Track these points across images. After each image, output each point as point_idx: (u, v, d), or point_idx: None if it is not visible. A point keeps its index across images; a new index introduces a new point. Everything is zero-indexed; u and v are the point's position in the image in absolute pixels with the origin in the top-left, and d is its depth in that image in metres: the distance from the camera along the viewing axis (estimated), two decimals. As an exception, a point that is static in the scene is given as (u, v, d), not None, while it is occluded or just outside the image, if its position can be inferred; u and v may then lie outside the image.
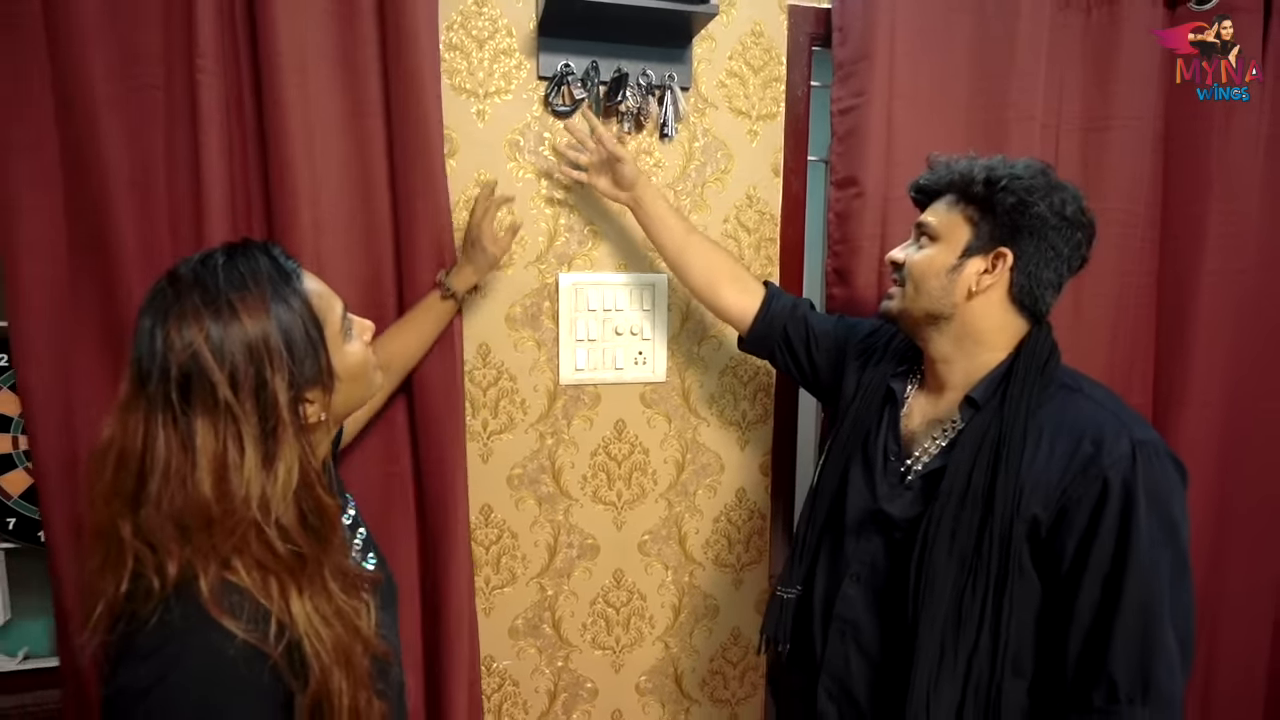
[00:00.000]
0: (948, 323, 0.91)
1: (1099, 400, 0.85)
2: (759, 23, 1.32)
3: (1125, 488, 0.78)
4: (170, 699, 0.56)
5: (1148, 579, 0.76)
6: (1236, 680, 1.58)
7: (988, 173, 0.87)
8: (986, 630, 0.83)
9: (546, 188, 1.27)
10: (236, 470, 0.59)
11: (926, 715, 0.83)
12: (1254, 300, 1.48)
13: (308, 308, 0.66)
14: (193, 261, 0.64)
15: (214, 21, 1.03)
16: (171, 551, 0.58)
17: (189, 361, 0.59)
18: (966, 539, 0.84)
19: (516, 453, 1.32)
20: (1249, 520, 1.54)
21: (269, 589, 0.60)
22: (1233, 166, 1.40)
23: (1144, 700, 0.76)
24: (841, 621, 0.97)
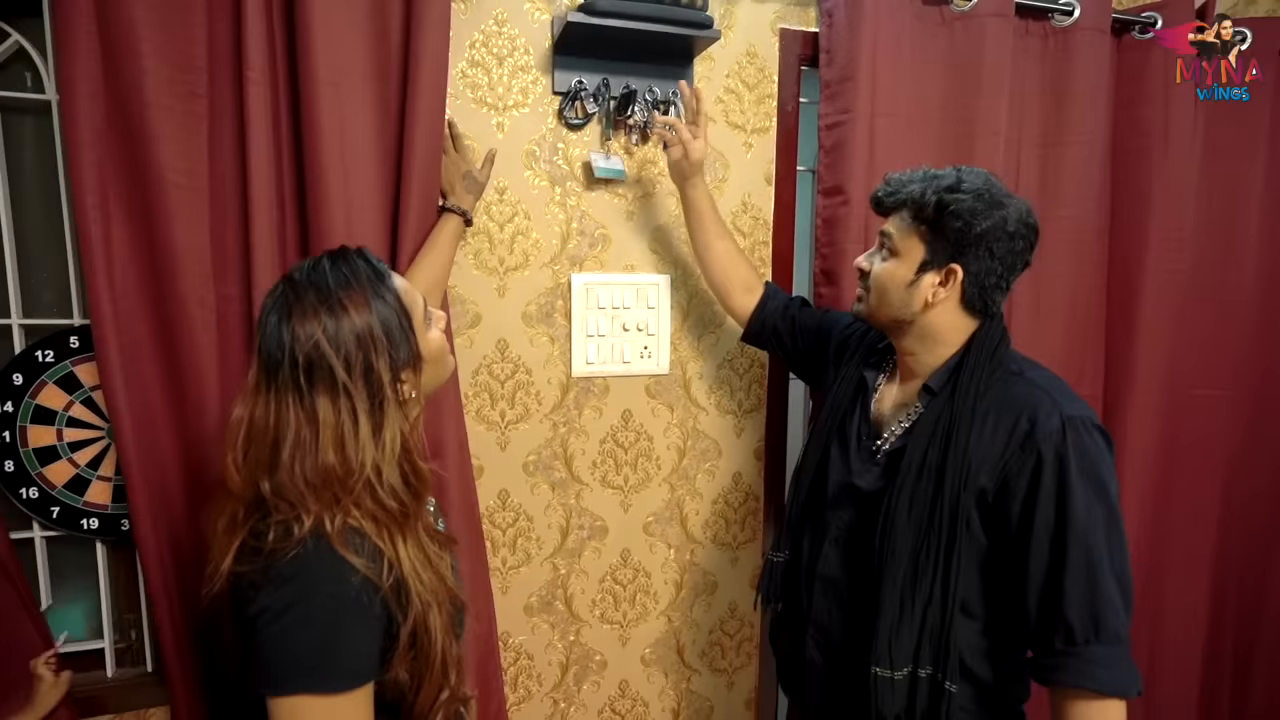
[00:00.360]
0: (910, 325, 1.03)
1: (1038, 382, 0.97)
2: (753, 44, 1.44)
3: (1058, 458, 0.90)
4: (305, 616, 0.67)
5: (1086, 535, 0.89)
6: (1178, 635, 1.75)
7: (938, 197, 0.95)
8: (939, 584, 0.95)
9: (560, 195, 1.37)
10: (352, 440, 0.71)
11: (889, 657, 0.96)
12: (1190, 298, 1.65)
13: (399, 301, 0.77)
14: (305, 267, 0.76)
15: (261, 37, 1.11)
16: (306, 505, 0.69)
17: (311, 351, 0.71)
18: (922, 508, 0.97)
19: (532, 441, 1.42)
20: (1188, 493, 1.72)
21: (381, 535, 0.71)
22: (1171, 179, 1.57)
23: (1097, 639, 0.89)
24: (823, 580, 1.09)
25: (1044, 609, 0.92)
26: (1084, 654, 0.89)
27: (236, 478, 0.72)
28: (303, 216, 1.19)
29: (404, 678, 0.73)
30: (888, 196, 1.02)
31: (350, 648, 0.69)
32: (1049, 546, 0.91)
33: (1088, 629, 0.89)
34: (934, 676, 0.95)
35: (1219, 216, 1.67)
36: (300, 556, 0.68)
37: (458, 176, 1.23)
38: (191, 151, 1.12)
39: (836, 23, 1.41)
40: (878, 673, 0.96)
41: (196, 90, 1.11)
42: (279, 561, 0.68)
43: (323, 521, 0.69)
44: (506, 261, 1.36)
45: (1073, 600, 0.89)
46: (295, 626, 0.67)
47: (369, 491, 0.72)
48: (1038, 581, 0.92)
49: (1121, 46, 1.57)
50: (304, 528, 0.69)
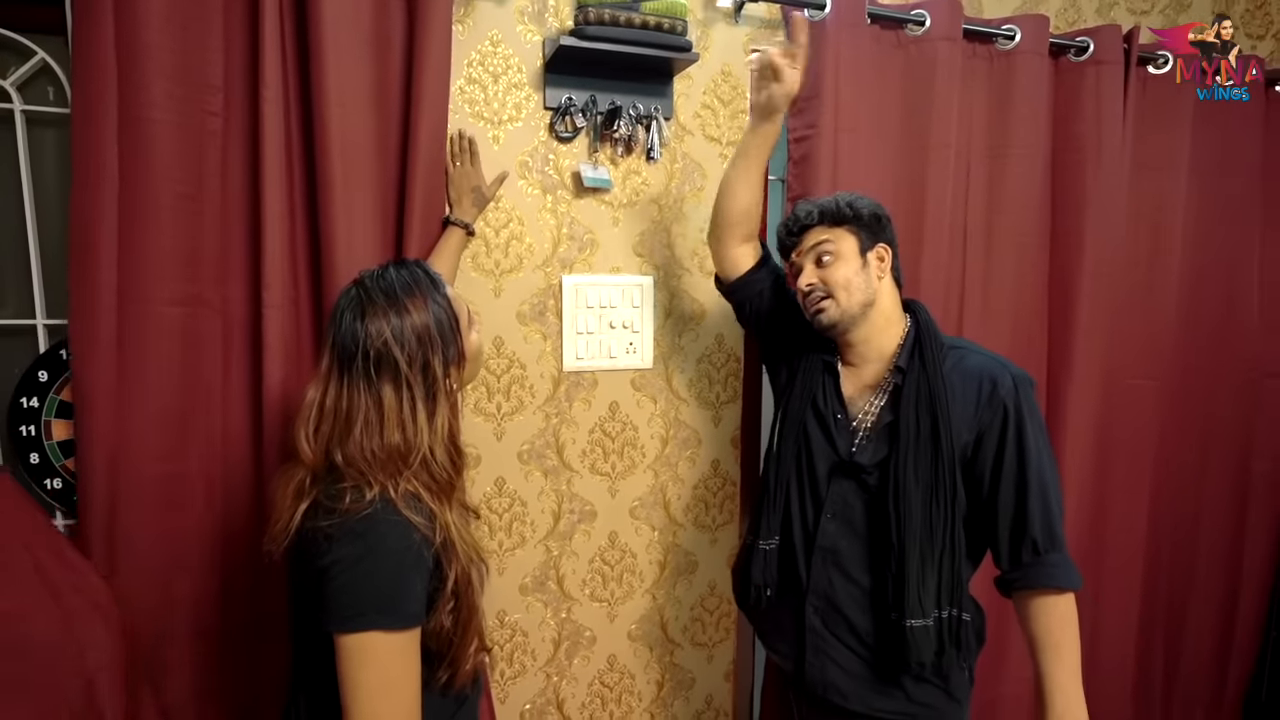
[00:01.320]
0: (873, 307, 1.18)
1: (981, 352, 1.18)
2: (728, 64, 1.57)
3: (1017, 409, 1.10)
4: (375, 566, 0.79)
5: (1038, 468, 1.10)
6: (1117, 593, 1.92)
7: (845, 202, 1.18)
8: (948, 534, 1.11)
9: (551, 203, 1.48)
10: (411, 423, 0.84)
11: (920, 608, 1.10)
12: (1122, 297, 1.82)
13: (450, 305, 0.90)
14: (374, 273, 0.88)
15: (276, 60, 1.20)
16: (374, 473, 0.81)
17: (381, 347, 0.83)
18: (926, 472, 1.11)
19: (526, 431, 1.52)
20: (1123, 471, 1.88)
21: (434, 501, 0.84)
22: (1103, 189, 1.73)
23: (1053, 547, 1.09)
24: (824, 551, 1.20)
25: (1014, 532, 1.11)
26: (1046, 560, 1.10)
27: (308, 450, 0.84)
28: (310, 226, 1.28)
29: (447, 624, 0.85)
30: (804, 217, 1.20)
31: (410, 593, 0.80)
32: (1015, 479, 1.11)
33: (1047, 540, 1.10)
34: (952, 613, 1.11)
35: (1146, 222, 1.84)
36: (371, 516, 0.80)
37: (467, 189, 1.33)
38: (203, 165, 1.20)
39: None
40: (913, 625, 1.10)
41: (212, 109, 1.20)
42: (352, 519, 0.79)
43: (388, 488, 0.82)
44: (502, 264, 1.46)
45: (1035, 520, 1.09)
46: (366, 574, 0.78)
47: (424, 466, 0.84)
48: (1008, 510, 1.11)
49: (1058, 68, 1.73)
50: (373, 492, 0.81)
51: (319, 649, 0.83)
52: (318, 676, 0.88)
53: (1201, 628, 2.09)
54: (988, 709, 1.81)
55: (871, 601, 1.16)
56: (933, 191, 1.60)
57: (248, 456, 1.26)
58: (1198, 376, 1.97)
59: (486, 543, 1.50)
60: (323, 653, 0.81)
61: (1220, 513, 2.05)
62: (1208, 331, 1.96)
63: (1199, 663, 2.11)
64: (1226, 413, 2.01)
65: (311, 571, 0.81)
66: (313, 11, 1.20)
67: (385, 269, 0.90)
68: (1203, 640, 2.10)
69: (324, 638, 0.80)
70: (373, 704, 0.78)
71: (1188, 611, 2.08)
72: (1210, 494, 2.04)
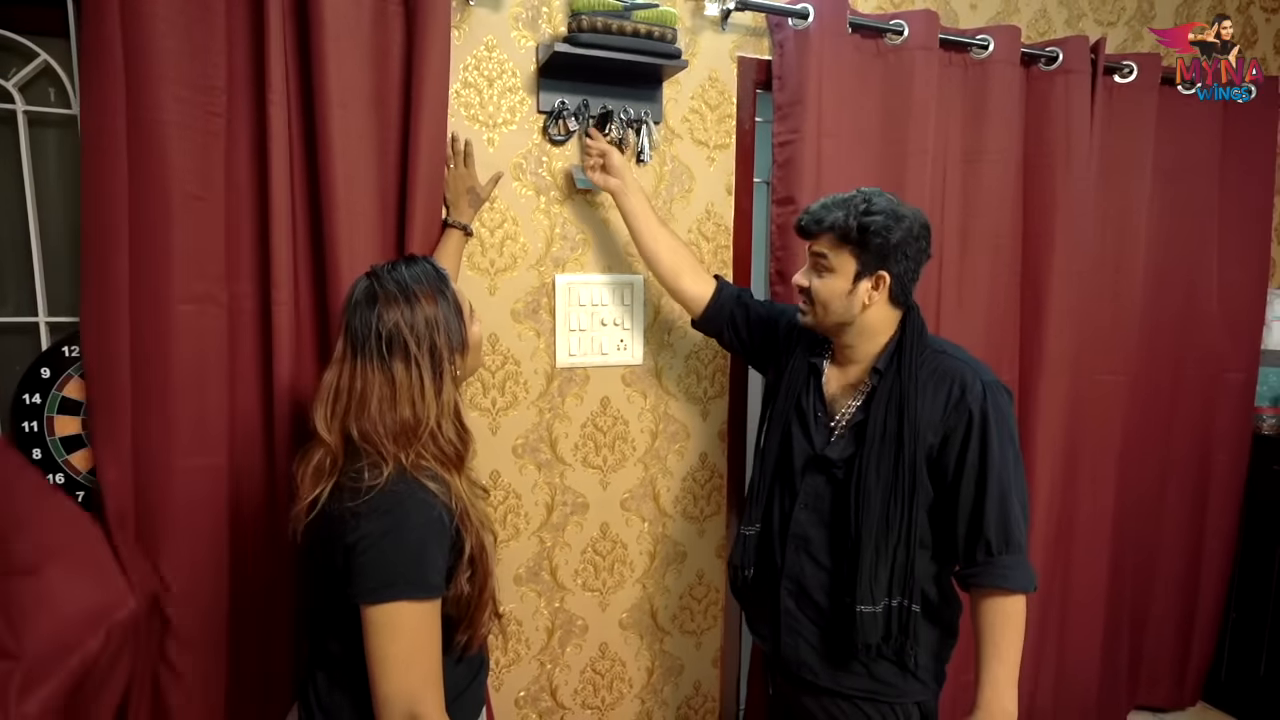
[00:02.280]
0: (850, 325, 1.22)
1: (959, 357, 1.21)
2: (715, 70, 1.63)
3: (983, 414, 1.14)
4: (401, 540, 0.84)
5: (1000, 472, 1.14)
6: (1085, 579, 2.01)
7: (858, 221, 1.14)
8: (904, 528, 1.16)
9: (544, 203, 1.52)
10: (420, 398, 0.90)
11: (870, 595, 1.16)
12: (1090, 295, 1.91)
13: (455, 298, 0.96)
14: (386, 267, 0.94)
15: (280, 63, 1.22)
16: (388, 448, 0.88)
17: (392, 330, 0.90)
18: (888, 468, 1.17)
19: (520, 426, 1.56)
20: (1091, 462, 1.97)
21: (446, 472, 0.90)
22: (1072, 191, 1.82)
23: (1007, 550, 1.14)
24: (796, 538, 1.27)
25: (970, 530, 1.16)
26: (998, 562, 1.14)
27: (326, 428, 0.91)
28: (312, 223, 1.31)
29: (466, 590, 0.91)
30: (813, 225, 1.20)
31: (434, 564, 0.86)
32: (975, 482, 1.15)
33: (1001, 542, 1.14)
34: (902, 604, 1.17)
35: (1113, 224, 1.93)
36: (396, 493, 0.86)
37: (463, 190, 1.38)
38: (209, 166, 1.23)
39: (787, 53, 1.60)
40: (862, 610, 1.16)
41: (215, 110, 1.23)
42: (378, 496, 0.85)
43: (402, 461, 0.88)
44: (497, 263, 1.50)
45: (990, 522, 1.14)
46: (393, 547, 0.84)
47: (433, 439, 0.91)
48: (966, 510, 1.16)
49: (1030, 76, 1.81)
50: (389, 466, 0.87)
51: (337, 626, 0.88)
52: (334, 653, 0.93)
53: (1165, 612, 2.19)
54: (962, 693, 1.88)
55: (833, 586, 1.23)
56: (911, 194, 1.67)
57: (258, 449, 1.30)
58: (1162, 371, 2.07)
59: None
60: (341, 629, 0.86)
61: (1183, 501, 2.16)
62: (1171, 328, 2.06)
63: (1162, 646, 2.21)
64: (1189, 406, 2.11)
65: (338, 549, 0.85)
66: (314, 16, 1.23)
67: (396, 264, 0.96)
68: (1166, 624, 2.20)
69: (343, 615, 0.85)
70: (399, 671, 0.83)
71: (1152, 595, 2.18)
72: (1174, 483, 2.14)
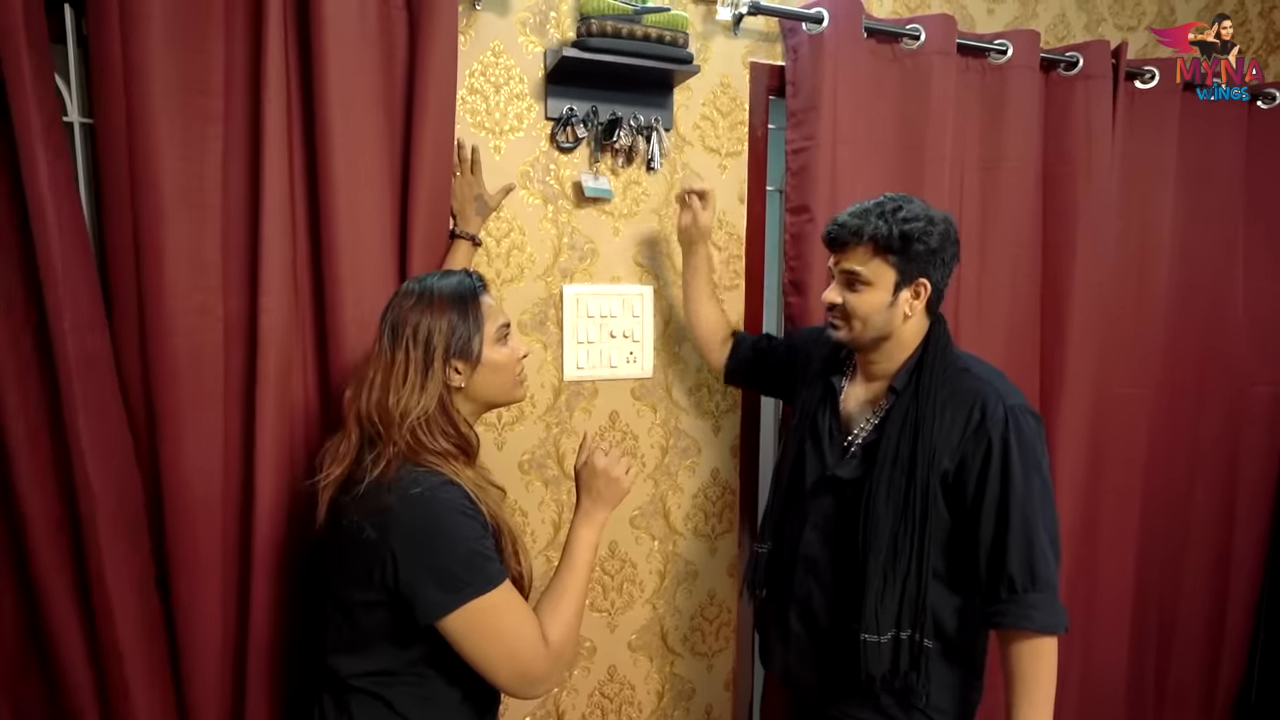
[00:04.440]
0: (890, 340, 1.16)
1: (983, 376, 1.13)
2: (727, 76, 1.59)
3: (1004, 441, 1.07)
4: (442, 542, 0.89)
5: (1024, 503, 1.06)
6: (1109, 598, 1.94)
7: (900, 229, 1.09)
8: (915, 558, 1.10)
9: (552, 213, 1.48)
10: (403, 386, 0.94)
11: (875, 623, 1.09)
12: (1113, 306, 1.85)
13: (478, 311, 1.00)
14: (434, 275, 1.03)
15: (279, 63, 1.19)
16: (381, 430, 0.94)
17: (399, 320, 0.97)
18: (898, 493, 1.11)
19: (526, 441, 1.52)
20: (1114, 477, 1.91)
21: (448, 464, 0.95)
22: (1093, 199, 1.77)
23: (1033, 587, 1.05)
24: (805, 560, 1.22)
25: (991, 565, 1.08)
26: (1022, 600, 1.06)
27: (348, 409, 0.98)
28: (312, 230, 1.27)
29: (515, 569, 0.98)
30: (850, 236, 1.13)
31: (483, 552, 0.90)
32: (995, 513, 1.07)
33: (1025, 579, 1.06)
34: (913, 637, 1.09)
35: (1135, 233, 1.88)
36: (415, 496, 0.89)
37: (470, 198, 1.34)
38: (205, 171, 1.19)
39: (801, 58, 1.56)
40: (866, 639, 1.09)
41: (212, 113, 1.19)
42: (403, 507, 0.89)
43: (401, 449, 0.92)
44: (503, 273, 1.46)
45: (1013, 556, 1.06)
46: (441, 554, 0.88)
47: (412, 433, 0.93)
48: (987, 543, 1.08)
49: (1049, 82, 1.77)
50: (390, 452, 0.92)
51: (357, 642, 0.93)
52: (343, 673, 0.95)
53: (1192, 632, 2.12)
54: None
55: (838, 611, 1.16)
56: (929, 201, 1.59)
57: (246, 460, 1.24)
58: (1186, 385, 2.00)
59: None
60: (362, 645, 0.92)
61: (1209, 518, 2.09)
62: (1195, 340, 2.00)
63: (1190, 667, 2.14)
64: (1214, 420, 2.04)
65: (375, 567, 0.89)
66: (315, 16, 1.19)
67: (445, 274, 1.02)
68: (1193, 645, 2.13)
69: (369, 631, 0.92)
70: (502, 663, 0.89)
71: (1178, 616, 2.10)
72: (1200, 500, 2.07)
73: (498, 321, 1.02)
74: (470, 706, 0.98)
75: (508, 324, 1.05)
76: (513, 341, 1.05)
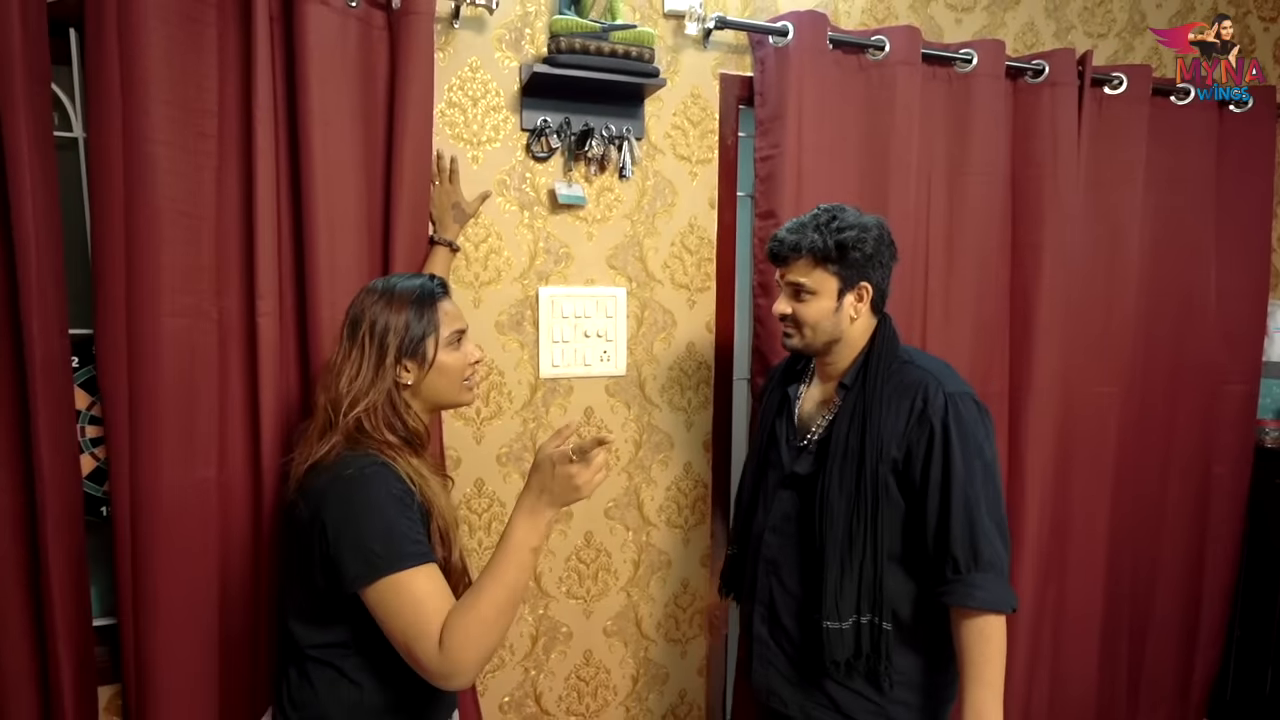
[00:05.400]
0: (840, 341, 1.24)
1: (925, 367, 1.20)
2: (697, 87, 1.66)
3: (944, 427, 1.13)
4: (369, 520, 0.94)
5: (965, 486, 1.12)
6: (1080, 597, 1.98)
7: (836, 239, 1.16)
8: (869, 543, 1.16)
9: (528, 219, 1.57)
10: (355, 377, 1.02)
11: (836, 611, 1.16)
12: (1081, 307, 1.89)
13: (434, 314, 1.06)
14: (398, 276, 1.11)
15: (267, 83, 1.27)
16: (334, 415, 1.01)
17: (359, 315, 1.04)
18: (850, 482, 1.18)
19: (504, 435, 1.60)
20: (1084, 477, 1.95)
21: (392, 452, 1.01)
22: (1060, 203, 1.81)
23: (976, 567, 1.11)
24: (766, 561, 1.29)
25: (937, 547, 1.14)
26: (967, 580, 1.12)
27: (316, 395, 1.08)
28: (296, 238, 1.35)
29: (441, 555, 1.01)
30: (789, 250, 1.20)
31: (407, 534, 0.94)
32: (939, 497, 1.14)
33: (969, 559, 1.12)
34: (873, 621, 1.16)
35: (1105, 235, 1.92)
36: (350, 477, 0.95)
37: (448, 207, 1.42)
38: (199, 184, 1.28)
39: (768, 69, 1.63)
40: (828, 626, 1.16)
41: (206, 131, 1.28)
42: (337, 481, 0.95)
43: (351, 432, 1.00)
44: (481, 277, 1.54)
45: (956, 538, 1.12)
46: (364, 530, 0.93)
47: (357, 422, 1.00)
48: (932, 525, 1.15)
49: (1016, 89, 1.81)
50: (338, 435, 0.99)
51: (310, 612, 0.99)
52: (301, 644, 1.01)
53: (1165, 629, 2.15)
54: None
55: (801, 608, 1.23)
56: (895, 207, 1.68)
57: (246, 458, 1.34)
58: (1158, 384, 2.04)
59: (467, 541, 1.57)
60: (313, 615, 0.99)
61: (1182, 516, 2.12)
62: (1167, 340, 2.03)
63: (1164, 663, 2.17)
64: (1186, 419, 2.08)
65: (314, 536, 0.95)
66: (299, 38, 1.28)
67: (410, 275, 1.10)
68: (1167, 641, 2.16)
69: (318, 600, 0.97)
70: (407, 635, 0.90)
71: (1151, 613, 2.14)
72: (1172, 497, 2.11)
73: (453, 326, 1.08)
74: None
75: (463, 330, 1.10)
76: (466, 347, 1.10)
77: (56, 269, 1.22)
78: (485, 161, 1.52)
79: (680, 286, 1.69)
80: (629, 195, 1.63)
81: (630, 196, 1.63)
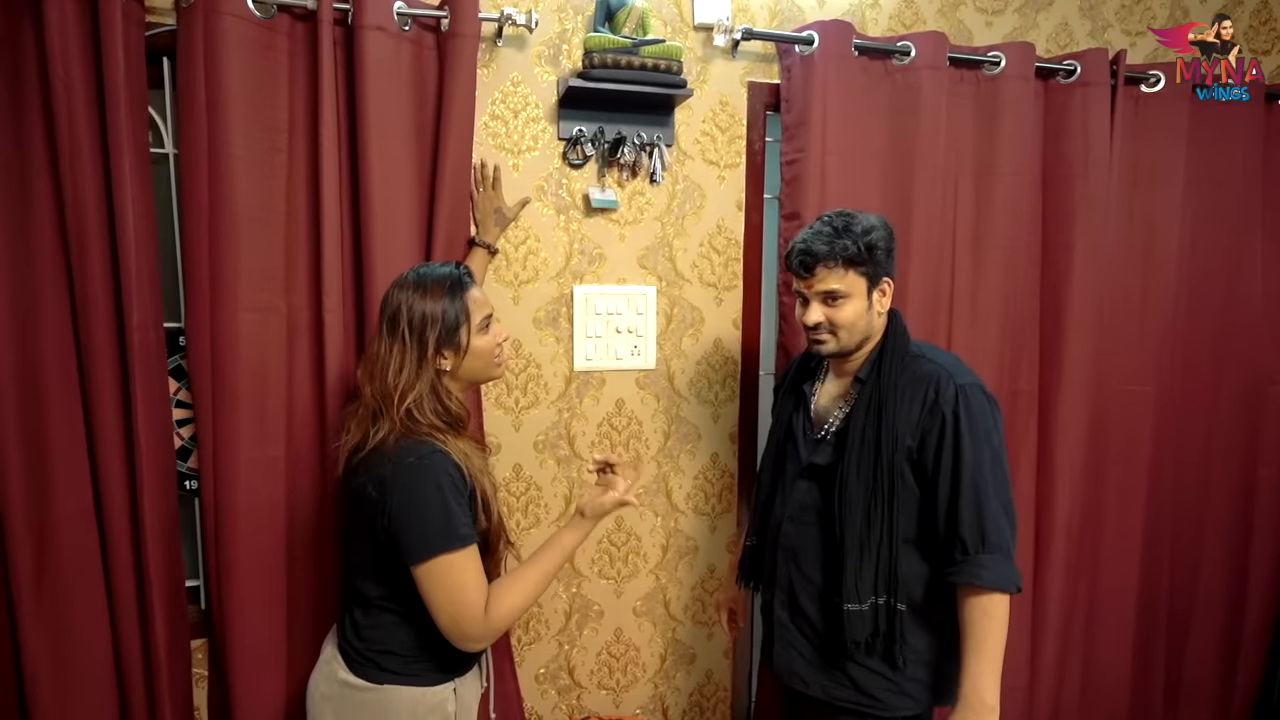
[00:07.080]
0: (869, 339, 1.30)
1: (935, 360, 1.26)
2: (725, 95, 1.74)
3: (955, 416, 1.19)
4: (427, 504, 1.07)
5: (974, 472, 1.18)
6: (1112, 593, 1.98)
7: (862, 243, 1.21)
8: (885, 528, 1.23)
9: (564, 222, 1.68)
10: (399, 371, 1.11)
11: (856, 593, 1.23)
12: (1114, 306, 1.89)
13: (465, 303, 1.15)
14: (426, 265, 1.20)
15: (332, 104, 1.42)
16: (384, 406, 1.11)
17: (397, 310, 1.13)
18: (868, 472, 1.24)
19: (541, 424, 1.72)
20: (1116, 473, 1.94)
21: (443, 436, 1.13)
22: (1093, 202, 1.82)
23: (983, 549, 1.17)
24: (785, 550, 1.36)
25: (947, 530, 1.21)
26: (974, 560, 1.18)
27: (359, 383, 1.16)
28: (355, 241, 1.50)
29: (485, 524, 1.14)
30: (821, 259, 1.22)
31: (459, 518, 1.08)
32: (949, 482, 1.20)
33: (976, 541, 1.18)
34: (888, 602, 1.23)
35: (1141, 233, 1.91)
36: (411, 464, 1.07)
37: (490, 211, 1.55)
38: (271, 193, 1.44)
39: (794, 77, 1.69)
40: (848, 608, 1.23)
41: (278, 145, 1.44)
42: (398, 467, 1.06)
43: (400, 424, 1.10)
44: (520, 275, 1.66)
45: (965, 521, 1.19)
46: (423, 513, 1.07)
47: (417, 409, 1.10)
48: (943, 509, 1.21)
49: (1047, 89, 1.82)
50: (387, 427, 1.09)
51: (373, 571, 1.13)
52: (367, 595, 1.16)
53: (1206, 633, 2.12)
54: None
55: (822, 594, 1.30)
56: (920, 208, 1.72)
57: (313, 436, 1.50)
58: (1199, 383, 2.01)
59: (505, 523, 1.69)
60: (376, 574, 1.13)
61: (1225, 518, 2.09)
62: (1209, 338, 2.00)
63: (1204, 668, 2.14)
64: (1230, 419, 2.04)
65: (379, 517, 1.08)
66: (358, 60, 1.42)
67: (435, 265, 1.18)
68: (1207, 645, 2.13)
69: (380, 564, 1.11)
70: (447, 610, 1.07)
71: (1192, 616, 2.11)
72: (1214, 499, 2.07)
73: (482, 313, 1.18)
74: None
75: (490, 314, 1.20)
76: (494, 328, 1.21)
77: (152, 269, 1.39)
78: (525, 169, 1.64)
79: (708, 285, 1.78)
80: (659, 199, 1.72)
81: (660, 200, 1.72)
